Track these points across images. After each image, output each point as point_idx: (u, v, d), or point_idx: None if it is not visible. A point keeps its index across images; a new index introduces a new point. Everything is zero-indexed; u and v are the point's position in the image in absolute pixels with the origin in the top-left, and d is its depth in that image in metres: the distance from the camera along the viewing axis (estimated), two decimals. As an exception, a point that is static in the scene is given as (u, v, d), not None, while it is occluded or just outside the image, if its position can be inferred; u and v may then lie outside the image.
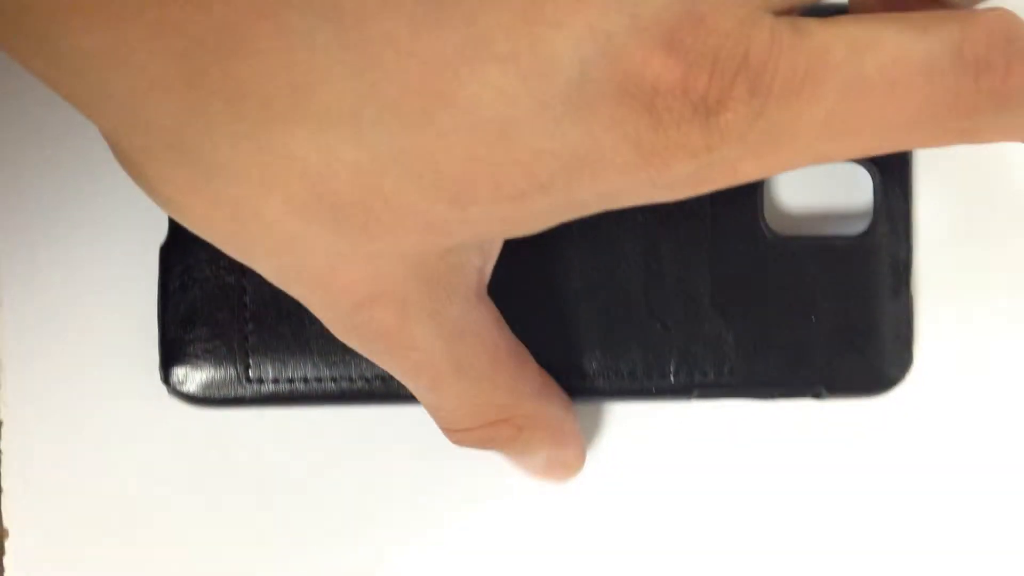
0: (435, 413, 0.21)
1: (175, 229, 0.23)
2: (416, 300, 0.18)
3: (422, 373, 0.19)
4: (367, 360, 0.20)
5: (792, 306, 0.23)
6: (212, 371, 0.23)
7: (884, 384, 0.23)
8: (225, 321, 0.23)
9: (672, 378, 0.23)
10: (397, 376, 0.20)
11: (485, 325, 0.20)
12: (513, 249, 0.20)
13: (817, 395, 0.22)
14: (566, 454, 0.22)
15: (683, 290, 0.23)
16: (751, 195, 0.22)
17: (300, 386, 0.23)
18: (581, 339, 0.23)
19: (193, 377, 0.23)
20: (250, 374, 0.23)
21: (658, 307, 0.23)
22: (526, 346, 0.22)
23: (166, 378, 0.23)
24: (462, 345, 0.19)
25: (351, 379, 0.23)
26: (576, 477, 0.23)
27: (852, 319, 0.22)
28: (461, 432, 0.21)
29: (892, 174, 0.22)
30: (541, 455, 0.22)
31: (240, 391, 0.23)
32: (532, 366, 0.21)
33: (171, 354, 0.23)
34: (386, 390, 0.23)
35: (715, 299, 0.22)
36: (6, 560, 0.25)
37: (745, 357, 0.23)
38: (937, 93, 0.15)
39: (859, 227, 0.23)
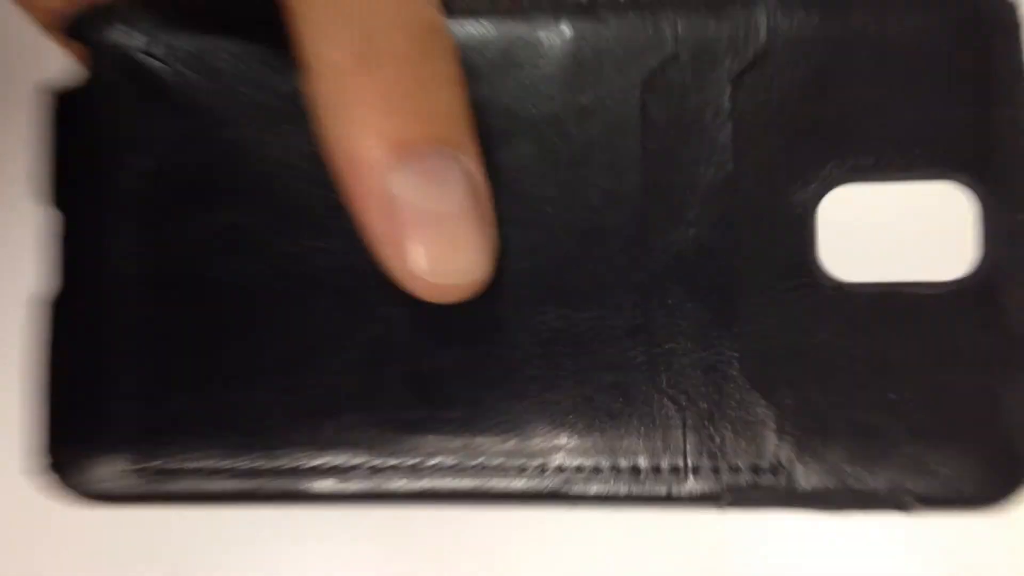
0: None
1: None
2: None
3: None
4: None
5: (862, 380, 0.16)
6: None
7: (1004, 493, 0.16)
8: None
9: (692, 478, 0.16)
10: None
11: None
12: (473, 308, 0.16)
13: (903, 506, 0.16)
14: None
15: (703, 355, 0.16)
16: (799, 226, 0.16)
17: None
18: (549, 417, 0.17)
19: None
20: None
21: (665, 377, 0.16)
22: (472, 421, 0.17)
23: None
24: None
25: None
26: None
27: (954, 400, 0.16)
28: None
29: (1005, 195, 0.16)
30: None
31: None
32: None
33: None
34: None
35: (747, 368, 0.16)
36: None
37: (797, 451, 0.16)
38: None
39: (957, 270, 0.17)
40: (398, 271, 0.15)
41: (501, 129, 0.17)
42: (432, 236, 0.14)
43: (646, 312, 0.16)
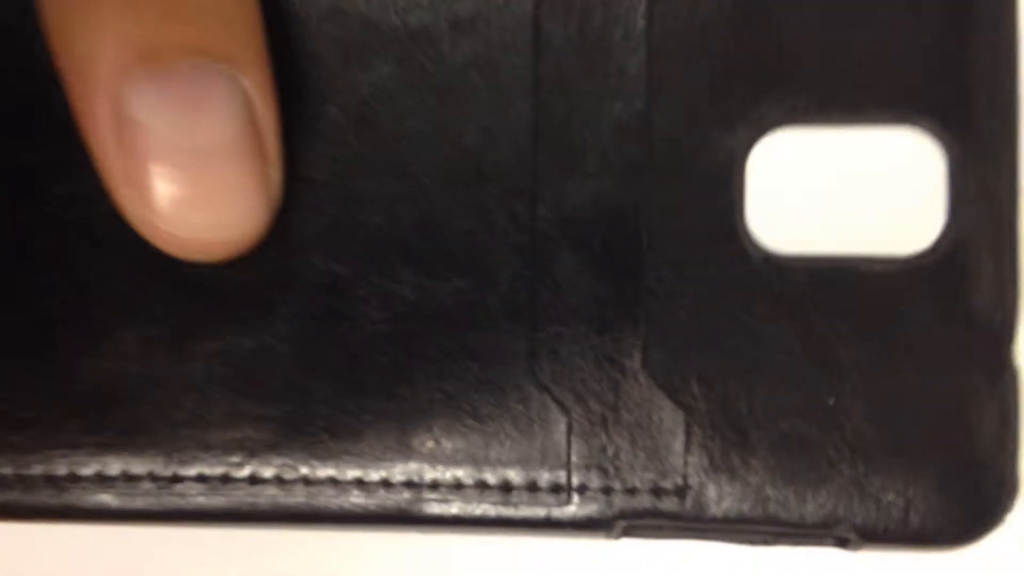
0: None
1: None
2: None
3: None
4: None
5: (794, 379, 0.13)
6: None
7: (966, 528, 0.13)
8: None
9: (576, 498, 0.13)
10: None
11: None
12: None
13: (843, 542, 0.13)
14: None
15: (597, 342, 0.13)
16: (723, 181, 0.13)
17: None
18: (397, 416, 0.13)
19: None
20: None
21: (548, 370, 0.13)
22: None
23: None
24: None
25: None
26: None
27: (905, 409, 0.13)
28: None
29: (980, 148, 0.13)
30: None
31: None
32: None
33: None
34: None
35: (652, 360, 0.13)
36: None
37: (709, 467, 0.13)
38: None
39: (918, 243, 0.13)
40: (134, 217, 0.11)
41: (354, 44, 0.13)
42: (180, 176, 0.11)
43: (528, 284, 0.13)
